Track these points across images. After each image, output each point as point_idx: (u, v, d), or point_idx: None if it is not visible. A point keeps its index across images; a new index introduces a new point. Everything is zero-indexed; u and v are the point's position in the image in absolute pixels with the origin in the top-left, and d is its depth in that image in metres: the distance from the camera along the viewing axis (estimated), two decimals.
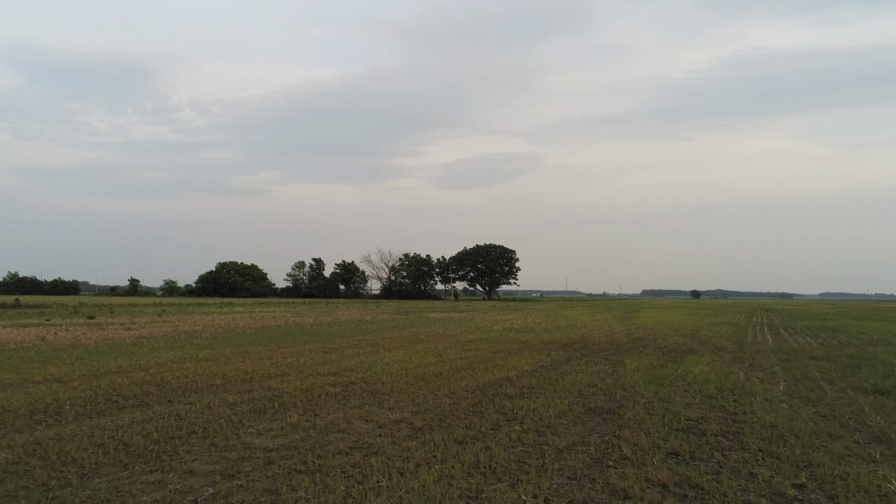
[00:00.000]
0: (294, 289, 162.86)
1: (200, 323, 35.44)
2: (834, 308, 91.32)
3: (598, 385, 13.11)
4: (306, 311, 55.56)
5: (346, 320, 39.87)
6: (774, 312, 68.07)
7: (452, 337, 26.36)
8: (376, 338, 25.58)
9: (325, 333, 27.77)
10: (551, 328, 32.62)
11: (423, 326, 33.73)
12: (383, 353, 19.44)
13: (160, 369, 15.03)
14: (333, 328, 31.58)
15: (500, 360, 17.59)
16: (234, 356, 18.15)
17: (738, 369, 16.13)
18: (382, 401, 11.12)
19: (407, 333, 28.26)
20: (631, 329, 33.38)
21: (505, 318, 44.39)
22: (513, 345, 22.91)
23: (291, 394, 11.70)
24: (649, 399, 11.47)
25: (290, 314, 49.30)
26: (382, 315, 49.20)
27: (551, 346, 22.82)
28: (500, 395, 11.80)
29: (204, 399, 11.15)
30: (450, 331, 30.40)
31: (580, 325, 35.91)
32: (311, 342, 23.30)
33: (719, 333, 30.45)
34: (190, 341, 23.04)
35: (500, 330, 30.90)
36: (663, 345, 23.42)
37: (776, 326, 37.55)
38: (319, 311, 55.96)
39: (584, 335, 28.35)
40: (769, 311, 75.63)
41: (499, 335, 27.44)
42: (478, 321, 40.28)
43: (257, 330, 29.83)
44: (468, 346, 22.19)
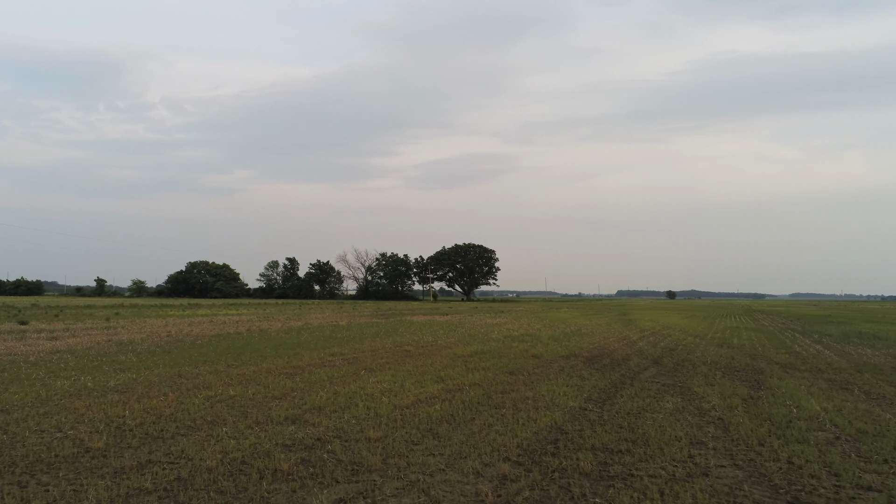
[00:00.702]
0: (267, 289, 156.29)
1: (148, 329, 30.06)
2: (827, 310, 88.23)
3: (708, 444, 8.32)
4: (276, 314, 50.21)
5: (320, 325, 34.75)
6: (773, 315, 64.40)
7: (447, 348, 21.49)
8: (354, 350, 20.62)
9: (293, 344, 22.70)
10: (557, 335, 27.89)
11: (409, 333, 28.80)
12: (365, 376, 14.49)
13: (15, 415, 9.90)
14: (303, 336, 26.48)
15: (524, 388, 12.78)
16: (158, 383, 13.05)
17: (863, 402, 11.52)
18: (373, 493, 6.20)
19: (391, 343, 23.32)
20: (647, 336, 28.87)
21: (496, 323, 39.60)
22: (525, 360, 18.12)
23: (210, 472, 6.73)
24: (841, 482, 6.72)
25: (258, 317, 43.98)
26: (360, 318, 44.13)
27: (573, 361, 18.08)
28: (568, 471, 6.96)
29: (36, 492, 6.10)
30: (440, 339, 25.54)
31: (586, 332, 31.27)
32: (273, 357, 18.26)
33: (758, 343, 25.99)
34: (115, 358, 17.80)
35: (500, 338, 26.09)
36: (712, 360, 18.82)
37: (808, 333, 33.31)
38: (291, 314, 50.65)
39: (601, 344, 23.70)
40: (764, 313, 72.07)
41: (502, 345, 22.63)
42: (468, 326, 35.45)
43: (212, 339, 24.64)
44: (472, 362, 17.33)
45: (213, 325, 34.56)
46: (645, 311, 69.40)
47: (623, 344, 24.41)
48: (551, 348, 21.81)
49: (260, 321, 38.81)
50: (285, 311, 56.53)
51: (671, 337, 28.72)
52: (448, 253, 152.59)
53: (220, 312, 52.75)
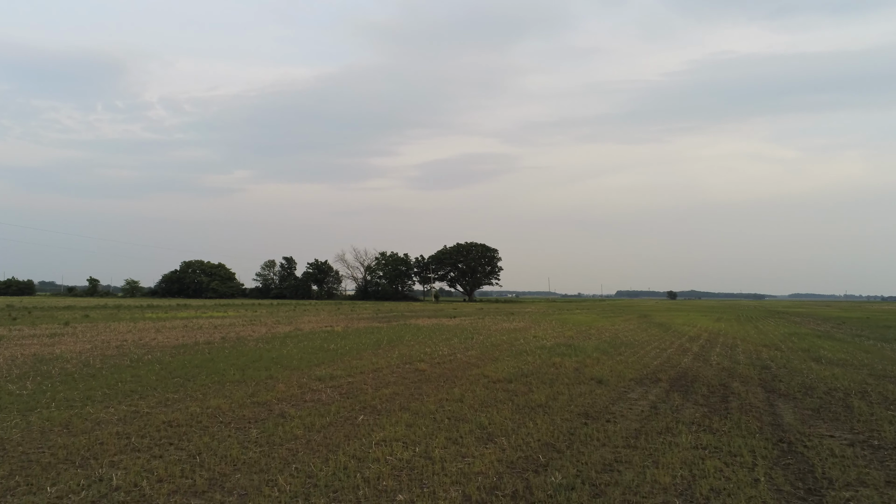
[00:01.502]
0: (264, 289, 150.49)
1: (103, 337, 24.60)
2: (847, 311, 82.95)
3: None
4: (265, 317, 44.72)
5: (311, 331, 29.30)
6: (802, 317, 59.02)
7: (473, 367, 16.06)
8: (350, 370, 15.19)
9: (270, 359, 17.26)
10: (602, 346, 22.40)
11: (417, 342, 23.37)
12: (365, 426, 9.06)
13: None
14: (287, 347, 21.03)
15: (637, 457, 7.41)
16: (11, 448, 7.64)
17: None
18: None
19: (397, 358, 17.89)
20: (704, 345, 23.50)
21: (515, 328, 34.14)
22: (589, 390, 12.73)
23: None
24: None
25: (243, 321, 38.50)
26: (358, 322, 38.67)
27: (657, 390, 12.73)
28: None
29: None
30: (458, 351, 20.13)
31: (627, 339, 25.86)
32: (235, 383, 12.86)
33: (848, 354, 20.55)
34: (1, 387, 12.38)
35: (533, 350, 20.63)
36: (841, 384, 13.38)
37: (884, 339, 27.88)
38: (282, 317, 45.18)
39: (665, 359, 18.33)
40: (786, 314, 66.74)
41: (542, 362, 17.18)
42: (483, 331, 30.02)
43: (171, 351, 19.24)
44: (518, 394, 11.93)
45: (186, 330, 29.13)
46: (664, 313, 63.99)
47: (690, 358, 19.03)
48: (609, 367, 16.39)
49: (243, 326, 33.36)
50: (277, 313, 51.05)
51: (733, 346, 23.35)
52: (449, 252, 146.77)
53: (204, 315, 47.26)
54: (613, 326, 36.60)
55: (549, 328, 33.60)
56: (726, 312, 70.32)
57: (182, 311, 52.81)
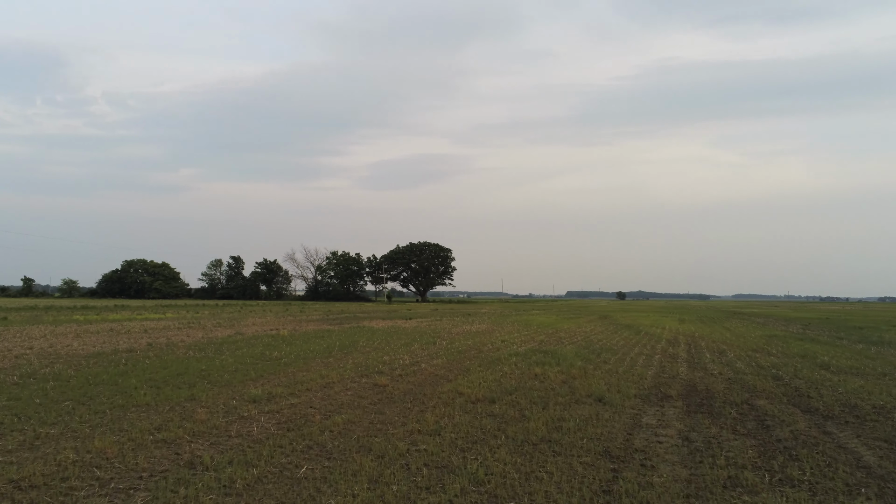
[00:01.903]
0: (210, 289, 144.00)
1: (9, 343, 20.90)
2: (801, 312, 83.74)
3: None
4: (206, 319, 41.00)
5: (254, 335, 26.12)
6: (766, 318, 58.47)
7: (444, 381, 13.39)
8: (294, 386, 12.31)
9: (196, 372, 14.20)
10: (581, 352, 20.02)
11: (373, 348, 20.56)
12: (306, 488, 6.30)
13: None
14: (222, 356, 17.92)
15: None
16: None
17: None
18: None
19: (352, 369, 15.08)
20: (690, 350, 21.44)
21: (478, 330, 31.60)
22: (593, 410, 10.29)
23: None
24: None
25: (180, 324, 34.84)
26: (307, 324, 35.49)
27: (672, 410, 10.43)
28: None
29: None
30: (422, 359, 17.45)
31: (604, 344, 23.66)
32: (141, 408, 9.89)
33: (846, 360, 18.70)
34: None
35: (507, 357, 18.07)
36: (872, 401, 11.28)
37: (865, 341, 26.41)
38: (224, 318, 41.55)
39: (659, 368, 16.09)
40: (745, 315, 66.33)
41: (522, 373, 14.64)
42: (445, 335, 27.38)
43: (79, 363, 15.94)
44: (507, 421, 9.36)
45: (111, 335, 25.55)
46: (623, 314, 62.61)
47: (686, 367, 16.83)
48: (601, 379, 13.98)
49: (179, 329, 29.85)
50: (219, 315, 47.26)
51: (721, 351, 21.38)
52: (402, 252, 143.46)
53: (139, 317, 43.15)
54: (580, 329, 34.49)
55: (514, 331, 31.20)
56: (684, 313, 69.55)
57: (115, 313, 48.42)
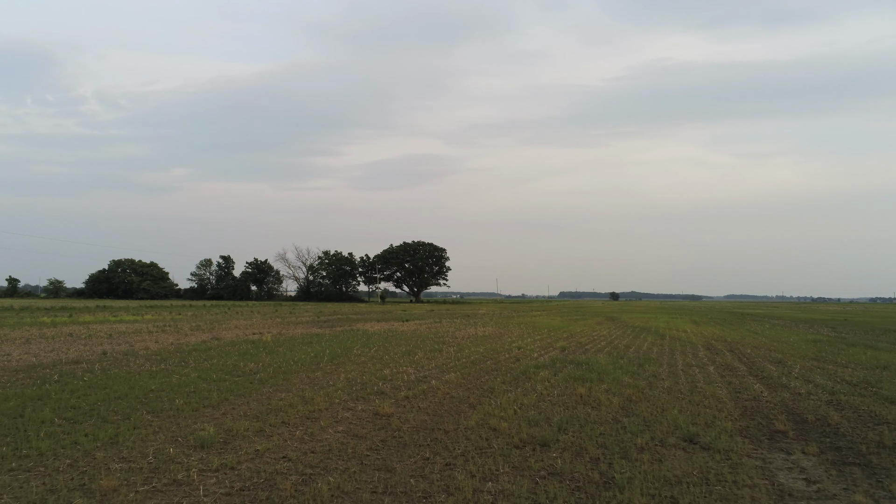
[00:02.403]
0: (199, 290, 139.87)
1: None
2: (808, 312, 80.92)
3: None
4: (187, 321, 37.45)
5: (231, 341, 22.70)
6: (781, 319, 55.41)
7: (465, 407, 10.05)
8: (264, 417, 8.97)
9: (141, 394, 10.79)
10: (617, 361, 16.68)
11: (370, 359, 17.18)
12: None
13: None
14: (184, 371, 14.47)
15: None
16: None
17: None
18: None
19: (344, 387, 11.71)
20: (749, 362, 18.19)
21: (485, 335, 28.24)
22: (698, 461, 6.99)
23: None
24: None
25: (156, 326, 31.32)
26: (295, 327, 32.04)
27: (812, 460, 7.02)
28: None
29: None
30: (430, 374, 14.12)
31: (638, 352, 20.42)
32: (13, 475, 6.44)
33: None
34: None
35: (536, 371, 14.73)
36: None
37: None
38: (206, 320, 38.03)
39: (737, 387, 12.80)
40: (756, 316, 63.29)
41: (569, 397, 11.32)
42: (449, 340, 24.03)
43: (12, 377, 12.53)
44: (595, 496, 5.97)
45: (66, 342, 22.09)
46: (630, 315, 59.41)
47: (759, 383, 13.55)
48: (666, 401, 10.69)
49: (150, 333, 26.37)
50: (202, 317, 43.66)
51: (779, 360, 18.16)
52: (396, 251, 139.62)
53: (114, 319, 39.50)
54: (595, 332, 31.25)
55: (524, 335, 27.87)
56: (689, 314, 66.49)
57: (91, 315, 44.72)
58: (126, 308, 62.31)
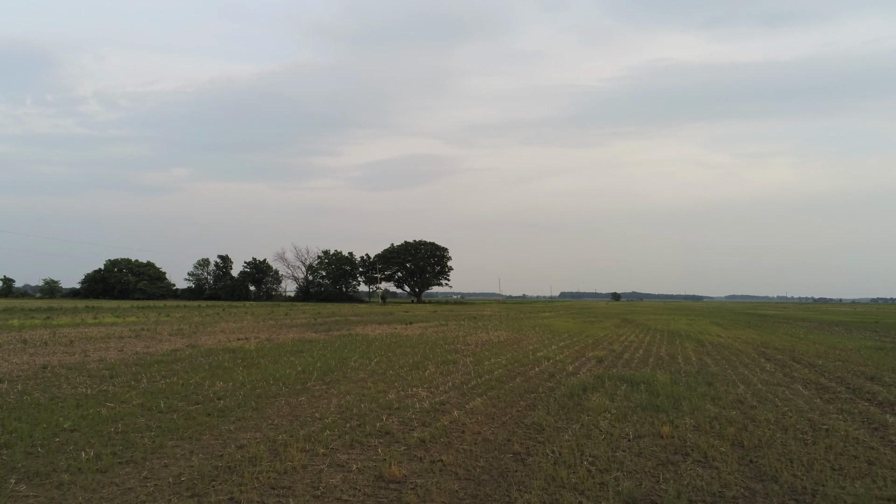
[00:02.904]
0: (196, 290, 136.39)
1: None
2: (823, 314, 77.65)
3: None
4: (170, 324, 34.08)
5: (210, 349, 19.36)
6: (792, 320, 52.00)
7: (516, 461, 6.69)
8: (204, 487, 5.58)
9: (35, 439, 7.47)
10: (677, 377, 13.36)
11: (370, 374, 13.83)
12: None
13: None
14: (129, 393, 11.13)
15: None
16: None
17: None
18: None
19: (334, 423, 8.38)
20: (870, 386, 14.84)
21: (501, 340, 24.90)
22: None
23: None
24: None
25: (132, 331, 27.97)
26: (287, 332, 28.70)
27: None
28: None
29: None
30: (448, 397, 10.81)
31: (700, 364, 17.09)
32: None
33: None
34: None
35: (584, 392, 11.39)
36: None
37: None
38: (191, 323, 34.67)
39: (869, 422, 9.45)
40: (777, 318, 59.93)
41: (653, 438, 7.98)
42: (464, 349, 20.72)
43: None
44: None
45: (17, 349, 18.80)
46: (644, 316, 56.05)
47: (894, 415, 10.22)
48: (801, 451, 7.36)
49: (119, 339, 23.04)
50: (190, 319, 40.26)
51: (862, 374, 14.81)
52: (397, 251, 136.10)
53: (92, 321, 36.11)
54: (621, 337, 27.93)
55: (545, 341, 24.52)
56: (706, 315, 63.15)
57: (70, 317, 41.29)
58: (115, 309, 58.95)
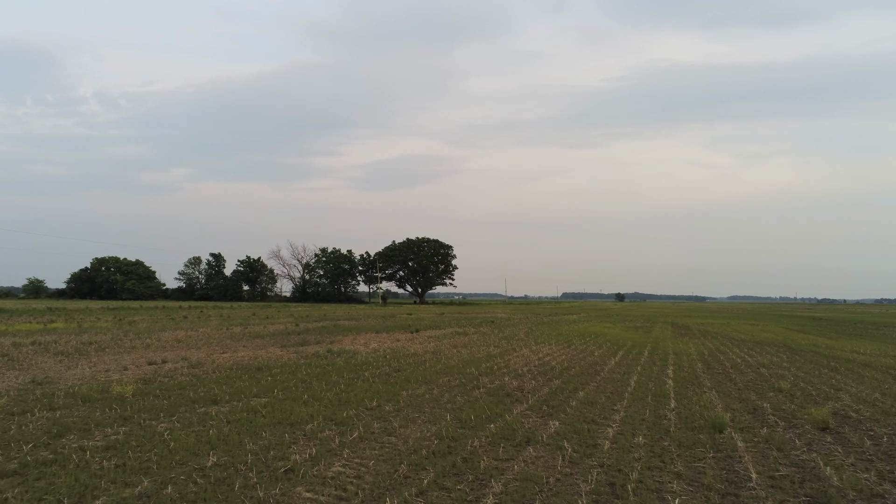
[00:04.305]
0: (188, 290, 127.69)
1: None
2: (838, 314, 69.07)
3: None
4: (83, 337, 25.65)
5: (47, 395, 10.97)
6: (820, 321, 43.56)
7: None
8: None
9: None
10: None
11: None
12: None
13: None
14: None
15: None
16: None
17: None
18: None
19: None
20: None
21: (565, 363, 16.41)
22: None
23: None
24: None
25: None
26: (241, 347, 20.23)
27: None
28: None
29: None
30: None
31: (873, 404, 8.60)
32: None
33: None
34: None
35: None
36: None
37: None
38: (118, 334, 26.14)
39: None
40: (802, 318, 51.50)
41: None
42: (528, 388, 12.34)
43: None
44: None
45: None
46: (694, 320, 47.54)
47: None
48: None
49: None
50: (136, 326, 31.64)
51: None
52: (399, 248, 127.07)
53: (21, 328, 27.65)
54: (703, 350, 19.49)
55: (630, 361, 16.02)
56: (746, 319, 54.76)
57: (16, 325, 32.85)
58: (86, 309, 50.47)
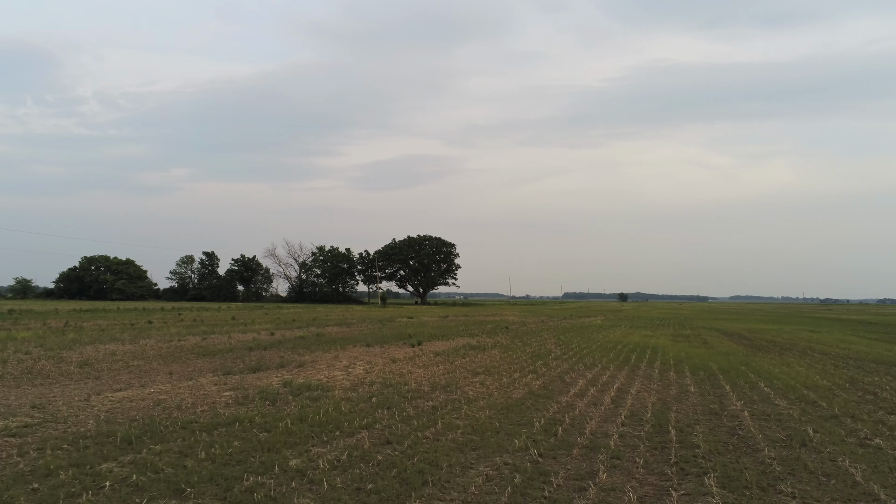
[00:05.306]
0: (180, 289, 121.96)
1: None
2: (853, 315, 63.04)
3: None
4: (31, 349, 19.83)
5: None
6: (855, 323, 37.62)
7: None
8: None
9: None
10: None
11: None
12: None
13: None
14: None
15: None
16: None
17: None
18: None
19: None
20: None
21: (705, 409, 10.60)
22: None
23: None
24: None
25: None
26: (198, 371, 14.48)
27: None
28: None
29: None
30: None
31: None
32: None
33: None
34: None
35: None
36: None
37: None
38: (92, 341, 20.34)
39: None
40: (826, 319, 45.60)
41: None
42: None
43: None
44: None
45: None
46: (721, 323, 41.60)
47: None
48: None
49: None
50: (100, 334, 25.77)
51: None
52: (399, 247, 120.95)
53: None
54: (835, 379, 13.65)
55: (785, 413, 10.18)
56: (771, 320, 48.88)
57: None
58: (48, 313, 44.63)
